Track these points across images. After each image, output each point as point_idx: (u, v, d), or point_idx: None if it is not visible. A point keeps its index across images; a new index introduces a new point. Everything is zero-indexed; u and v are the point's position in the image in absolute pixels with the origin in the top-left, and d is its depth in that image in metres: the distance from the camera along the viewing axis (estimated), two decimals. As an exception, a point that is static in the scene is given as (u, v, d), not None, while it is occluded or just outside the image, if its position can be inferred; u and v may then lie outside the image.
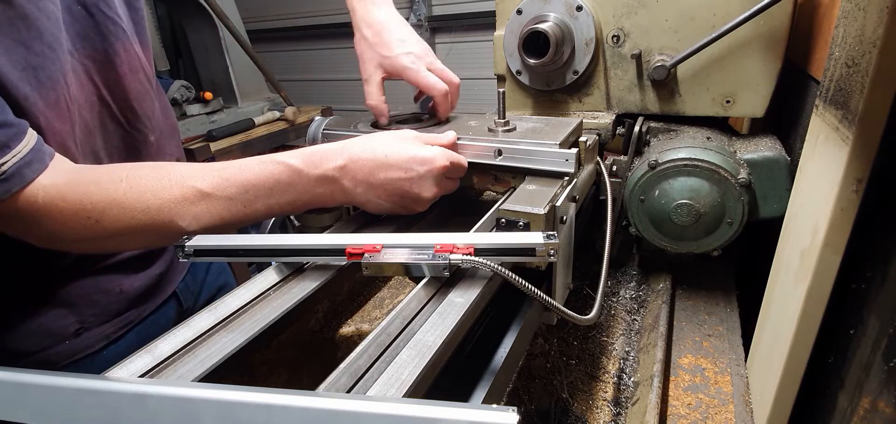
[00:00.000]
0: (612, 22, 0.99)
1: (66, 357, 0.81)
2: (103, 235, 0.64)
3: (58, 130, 0.68)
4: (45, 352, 0.79)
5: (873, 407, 0.53)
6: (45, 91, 0.65)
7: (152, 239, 0.68)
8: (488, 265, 0.54)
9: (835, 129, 0.59)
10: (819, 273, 0.59)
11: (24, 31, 0.62)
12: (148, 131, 0.86)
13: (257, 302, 0.59)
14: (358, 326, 0.97)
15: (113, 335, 0.86)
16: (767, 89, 0.93)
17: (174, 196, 0.64)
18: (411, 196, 0.70)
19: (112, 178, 0.64)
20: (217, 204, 0.66)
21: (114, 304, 0.85)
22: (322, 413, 0.35)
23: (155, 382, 0.45)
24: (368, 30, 0.87)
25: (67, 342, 0.81)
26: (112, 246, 0.68)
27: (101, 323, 0.84)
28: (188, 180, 0.65)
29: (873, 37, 0.51)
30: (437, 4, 4.24)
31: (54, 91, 0.66)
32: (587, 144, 0.85)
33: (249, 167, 0.67)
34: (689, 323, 0.95)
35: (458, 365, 0.56)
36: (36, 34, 0.63)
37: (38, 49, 0.64)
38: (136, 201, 0.63)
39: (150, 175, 0.65)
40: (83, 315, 0.81)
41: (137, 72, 0.82)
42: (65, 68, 0.68)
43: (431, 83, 0.85)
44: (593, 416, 0.80)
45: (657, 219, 0.92)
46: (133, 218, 0.63)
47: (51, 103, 0.66)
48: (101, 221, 0.63)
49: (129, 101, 0.81)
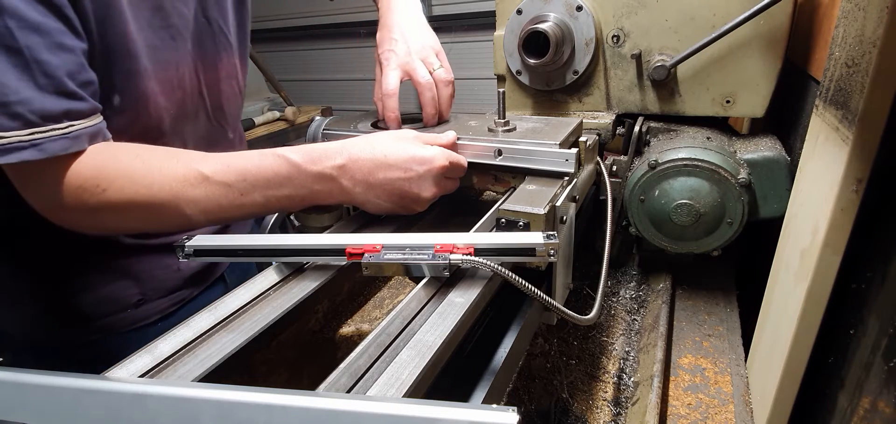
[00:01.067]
0: (612, 22, 0.99)
1: (126, 325, 0.87)
2: (107, 206, 0.65)
3: (160, 105, 0.78)
4: (108, 318, 0.85)
5: (873, 407, 0.53)
6: (159, 69, 0.76)
7: (152, 219, 0.68)
8: (488, 265, 0.54)
9: (835, 129, 0.59)
10: (819, 273, 0.59)
11: (157, 16, 0.75)
12: (228, 129, 0.98)
13: (257, 302, 0.59)
14: (358, 326, 0.97)
15: (167, 310, 0.91)
16: (767, 89, 0.93)
17: (178, 175, 0.66)
18: (411, 196, 0.70)
19: (130, 153, 0.67)
20: (215, 189, 0.67)
21: (171, 281, 0.91)
22: (322, 413, 0.35)
23: (155, 382, 0.45)
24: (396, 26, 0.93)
25: (128, 312, 0.87)
26: (113, 222, 0.68)
27: (159, 298, 0.90)
28: (194, 163, 0.67)
29: (873, 37, 0.51)
30: (437, 4, 4.24)
31: (166, 72, 0.78)
32: (587, 144, 0.85)
33: (250, 158, 0.69)
34: (689, 323, 0.95)
35: (458, 365, 0.56)
36: (164, 23, 0.76)
37: (161, 34, 0.76)
38: (143, 175, 0.65)
39: (164, 155, 0.68)
40: (144, 288, 0.88)
41: (232, 79, 0.94)
42: (181, 58, 0.80)
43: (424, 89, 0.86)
44: (593, 416, 0.80)
45: (657, 219, 0.92)
46: (136, 192, 0.65)
47: (160, 80, 0.77)
48: (108, 191, 0.64)
49: (220, 100, 0.93)
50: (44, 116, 0.60)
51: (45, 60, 0.60)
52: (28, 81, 0.59)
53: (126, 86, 0.72)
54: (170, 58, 0.78)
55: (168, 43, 0.77)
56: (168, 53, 0.78)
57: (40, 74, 0.60)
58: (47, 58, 0.60)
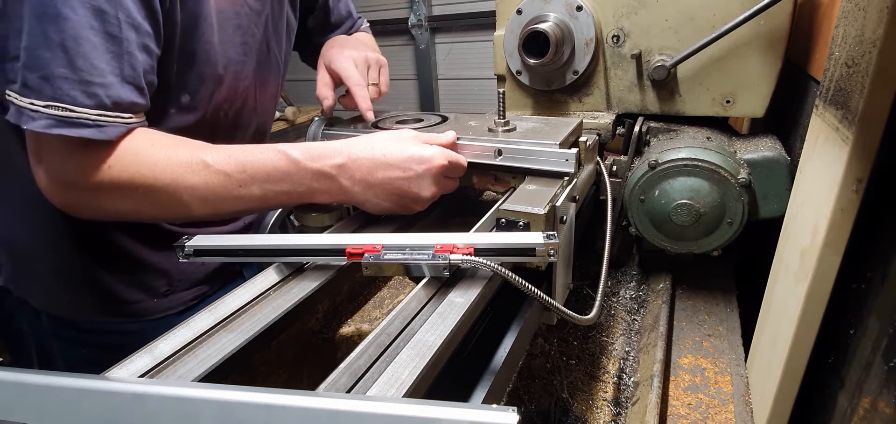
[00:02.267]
0: (612, 22, 0.99)
1: (153, 312, 0.91)
2: (108, 184, 0.66)
3: (222, 110, 0.87)
4: (138, 305, 0.90)
5: (873, 407, 0.53)
6: (231, 79, 0.85)
7: (150, 203, 0.68)
8: (488, 265, 0.54)
9: (835, 129, 0.59)
10: (819, 273, 0.59)
11: (237, 35, 0.84)
12: (261, 137, 1.06)
13: (257, 302, 0.59)
14: (358, 326, 0.97)
15: (190, 301, 0.96)
16: (767, 89, 0.93)
17: (181, 160, 0.67)
18: (410, 195, 0.71)
19: (144, 137, 0.69)
20: (214, 177, 0.68)
21: (197, 273, 0.96)
22: (322, 413, 0.35)
23: (155, 382, 0.45)
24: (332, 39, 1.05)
25: (155, 301, 0.91)
26: (110, 204, 0.69)
27: (184, 289, 0.95)
28: (198, 151, 0.69)
29: (873, 37, 0.51)
30: (437, 4, 4.23)
31: (235, 82, 0.87)
32: (587, 144, 0.85)
33: (252, 150, 0.70)
34: (689, 323, 0.95)
35: (458, 365, 0.56)
36: (242, 39, 0.85)
37: (239, 51, 0.85)
38: (148, 156, 0.67)
39: (174, 143, 0.69)
40: (172, 279, 0.92)
41: (273, 99, 1.04)
42: (247, 74, 0.89)
43: (360, 98, 0.91)
44: (593, 416, 0.80)
45: (657, 219, 0.92)
46: (138, 171, 0.66)
47: (229, 88, 0.86)
48: (113, 168, 0.66)
49: (265, 118, 1.03)
50: (116, 104, 0.65)
51: (135, 55, 0.66)
52: (116, 69, 0.65)
53: (199, 88, 0.80)
54: (240, 71, 0.87)
55: (242, 57, 0.86)
56: (239, 67, 0.86)
57: (128, 66, 0.66)
58: (137, 54, 0.66)
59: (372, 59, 0.98)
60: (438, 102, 4.53)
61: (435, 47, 4.40)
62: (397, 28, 4.38)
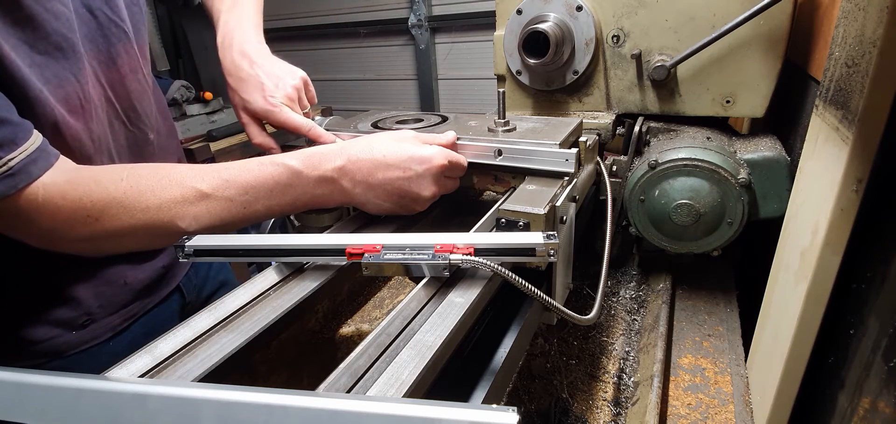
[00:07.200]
0: (612, 22, 0.99)
1: (73, 346, 0.82)
2: (102, 234, 0.64)
3: (72, 126, 0.70)
4: (53, 341, 0.81)
5: (873, 407, 0.53)
6: (53, 88, 0.66)
7: (151, 239, 0.68)
8: (488, 265, 0.54)
9: (835, 129, 0.59)
10: (819, 273, 0.59)
11: (29, 31, 0.64)
12: (148, 130, 0.88)
13: (257, 302, 0.59)
14: (358, 326, 0.97)
15: (118, 326, 0.87)
16: (767, 89, 0.93)
17: (174, 196, 0.64)
18: (410, 196, 0.71)
19: (112, 177, 0.64)
20: (217, 205, 0.66)
21: (119, 296, 0.86)
22: (322, 413, 0.35)
23: (155, 382, 0.45)
24: (229, 73, 0.88)
25: (75, 333, 0.82)
26: (111, 247, 0.68)
27: (108, 315, 0.85)
28: (188, 181, 0.65)
29: (873, 37, 0.51)
30: (437, 4, 4.23)
31: (63, 89, 0.68)
32: (587, 144, 0.85)
33: (249, 169, 0.67)
34: (689, 323, 0.95)
35: (458, 365, 0.56)
36: (42, 35, 0.65)
37: (43, 48, 0.65)
38: (136, 200, 0.63)
39: (151, 175, 0.65)
40: (90, 307, 0.83)
41: (137, 72, 0.84)
42: (77, 68, 0.70)
43: (298, 124, 0.84)
44: (593, 416, 0.80)
45: (657, 219, 0.92)
46: (133, 217, 0.63)
47: (61, 100, 0.68)
48: (101, 220, 0.63)
49: (130, 100, 0.83)
50: None
51: None
52: None
53: (32, 119, 0.62)
54: (62, 72, 0.68)
55: (54, 54, 0.67)
56: (58, 67, 0.67)
57: None
58: None
59: (287, 84, 0.88)
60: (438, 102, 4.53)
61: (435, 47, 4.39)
62: (397, 28, 4.38)
